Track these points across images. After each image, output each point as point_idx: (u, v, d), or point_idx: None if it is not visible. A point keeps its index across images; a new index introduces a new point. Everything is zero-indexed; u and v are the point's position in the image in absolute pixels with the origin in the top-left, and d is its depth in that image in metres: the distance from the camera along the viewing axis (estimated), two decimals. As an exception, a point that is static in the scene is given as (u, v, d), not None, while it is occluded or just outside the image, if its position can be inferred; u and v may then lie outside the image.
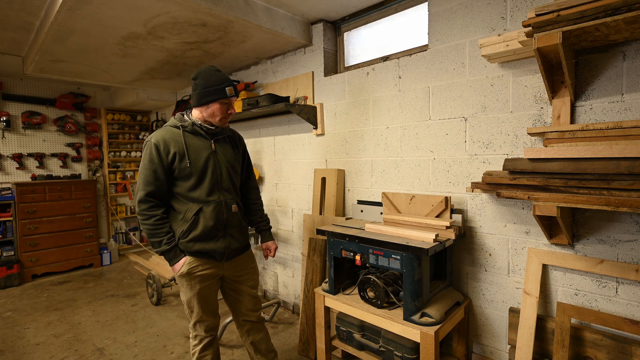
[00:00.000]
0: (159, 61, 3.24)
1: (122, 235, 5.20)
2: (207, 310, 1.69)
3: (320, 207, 2.74)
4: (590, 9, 1.27)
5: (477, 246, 1.98)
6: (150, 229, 1.55)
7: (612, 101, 1.56)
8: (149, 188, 1.54)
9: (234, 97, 1.64)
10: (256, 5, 2.40)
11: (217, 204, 1.62)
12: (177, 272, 1.60)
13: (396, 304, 1.87)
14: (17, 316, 3.14)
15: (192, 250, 1.59)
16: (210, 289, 1.69)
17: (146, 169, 1.55)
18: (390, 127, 2.35)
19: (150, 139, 1.57)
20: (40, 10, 2.43)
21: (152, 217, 1.55)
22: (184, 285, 1.64)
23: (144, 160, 1.56)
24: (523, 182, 1.50)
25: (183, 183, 1.59)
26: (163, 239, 1.56)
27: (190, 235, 1.58)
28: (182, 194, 1.60)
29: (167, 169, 1.56)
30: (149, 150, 1.55)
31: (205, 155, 1.62)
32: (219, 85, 1.60)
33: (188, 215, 1.58)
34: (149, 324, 2.93)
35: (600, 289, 1.63)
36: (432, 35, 2.11)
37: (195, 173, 1.58)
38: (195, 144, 1.62)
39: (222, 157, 1.68)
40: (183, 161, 1.56)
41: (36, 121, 4.40)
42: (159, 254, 1.59)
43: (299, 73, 2.95)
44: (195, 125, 1.63)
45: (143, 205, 1.55)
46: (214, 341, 1.77)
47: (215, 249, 1.62)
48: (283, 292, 3.23)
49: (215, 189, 1.63)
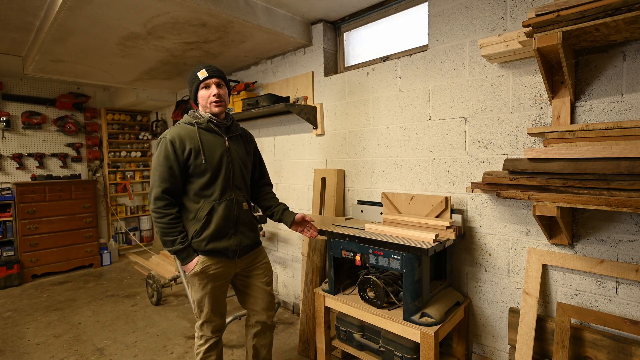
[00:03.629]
0: (159, 61, 3.24)
1: (122, 235, 5.20)
2: (217, 310, 1.68)
3: (320, 207, 2.74)
4: (590, 9, 1.27)
5: (477, 246, 1.98)
6: (164, 228, 1.54)
7: (612, 101, 1.56)
8: (165, 185, 1.53)
9: (212, 79, 1.61)
10: (256, 5, 2.40)
11: (228, 202, 1.63)
12: (191, 271, 1.60)
13: (396, 304, 1.87)
14: (17, 316, 3.14)
15: (205, 249, 1.59)
16: (221, 289, 1.69)
17: (162, 165, 1.54)
18: (390, 127, 2.35)
19: (165, 135, 1.57)
20: (40, 10, 2.43)
21: (167, 216, 1.53)
22: (195, 284, 1.63)
23: (159, 157, 1.55)
24: (523, 182, 1.50)
25: (197, 180, 1.59)
26: (177, 238, 1.55)
27: (203, 234, 1.58)
28: (195, 192, 1.60)
29: (183, 165, 1.56)
30: (164, 146, 1.55)
31: (219, 152, 1.62)
32: (193, 74, 1.63)
33: (200, 214, 1.58)
34: (149, 324, 2.93)
35: (600, 289, 1.63)
36: (432, 35, 2.11)
37: (210, 169, 1.59)
38: (210, 141, 1.62)
39: (235, 154, 1.68)
40: (198, 157, 1.57)
41: (36, 121, 4.40)
42: (172, 253, 1.57)
43: (298, 73, 2.95)
44: (210, 122, 1.63)
45: (159, 202, 1.53)
46: (219, 343, 1.76)
47: (227, 246, 1.62)
48: (283, 292, 3.23)
49: (228, 186, 1.64)
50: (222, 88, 1.65)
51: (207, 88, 1.62)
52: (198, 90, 1.63)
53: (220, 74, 1.64)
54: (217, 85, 1.62)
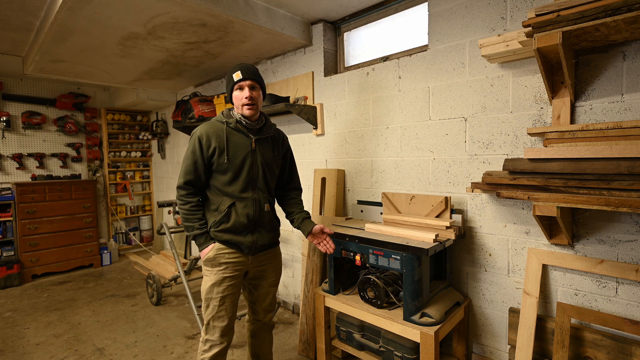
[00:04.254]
0: (159, 61, 3.24)
1: (122, 235, 5.20)
2: (226, 307, 1.64)
3: (320, 207, 2.74)
4: (590, 9, 1.27)
5: (477, 246, 1.98)
6: (185, 214, 1.65)
7: (612, 101, 1.56)
8: (188, 177, 1.64)
9: (247, 81, 1.63)
10: (256, 5, 2.40)
11: (250, 201, 1.66)
12: (205, 256, 1.65)
13: (396, 304, 1.87)
14: (17, 316, 3.14)
15: (222, 239, 1.64)
16: (233, 283, 1.65)
17: (188, 158, 1.64)
18: (390, 127, 2.35)
19: (196, 131, 1.65)
20: (40, 10, 2.43)
21: (189, 204, 1.65)
22: (208, 271, 1.66)
23: (187, 151, 1.65)
24: (523, 182, 1.50)
25: (220, 177, 1.65)
26: (195, 224, 1.64)
27: (221, 226, 1.64)
28: (218, 187, 1.66)
29: (207, 161, 1.64)
30: (193, 142, 1.64)
31: (243, 153, 1.65)
32: (230, 75, 1.66)
33: (222, 207, 1.64)
34: (149, 324, 2.93)
35: (600, 289, 1.63)
36: (432, 35, 2.11)
37: (232, 169, 1.63)
38: (236, 141, 1.65)
39: (260, 157, 1.69)
40: (222, 156, 1.62)
41: (36, 121, 4.40)
42: (191, 238, 1.67)
43: (299, 73, 2.95)
44: (239, 123, 1.66)
45: (182, 191, 1.65)
46: (225, 351, 1.68)
47: (243, 242, 1.65)
48: (283, 292, 3.23)
49: (250, 187, 1.66)
50: (256, 90, 1.66)
51: (240, 90, 1.65)
52: (233, 90, 1.66)
53: (255, 77, 1.66)
54: (251, 87, 1.64)
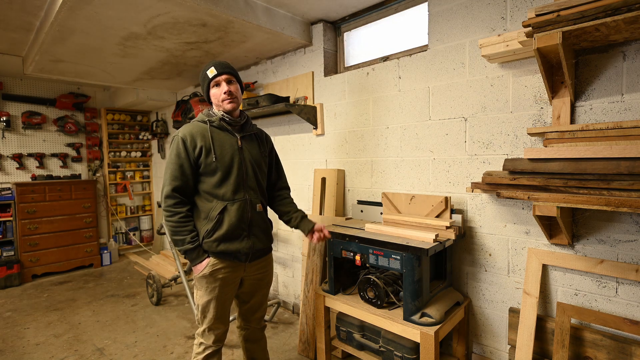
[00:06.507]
0: (159, 61, 3.24)
1: (122, 235, 5.20)
2: (222, 317, 1.62)
3: (320, 207, 2.74)
4: (590, 9, 1.27)
5: (477, 246, 1.98)
6: (174, 226, 1.51)
7: (612, 101, 1.56)
8: (176, 183, 1.52)
9: (222, 75, 1.58)
10: (256, 5, 2.40)
11: (242, 202, 1.58)
12: (199, 273, 1.55)
13: (396, 304, 1.87)
14: (17, 316, 3.14)
15: (216, 250, 1.54)
16: (228, 294, 1.62)
17: (173, 163, 1.53)
18: (390, 127, 2.35)
19: (178, 133, 1.55)
20: (40, 10, 2.43)
21: (177, 214, 1.51)
22: (203, 287, 1.57)
23: (171, 155, 1.54)
24: (523, 182, 1.50)
25: (208, 179, 1.56)
26: (186, 238, 1.51)
27: (214, 234, 1.54)
28: (208, 191, 1.56)
29: (194, 163, 1.54)
30: (176, 144, 1.54)
31: (231, 151, 1.58)
32: (203, 73, 1.61)
33: (212, 214, 1.54)
34: (149, 324, 2.93)
35: (600, 289, 1.63)
36: (432, 35, 2.11)
37: (221, 168, 1.55)
38: (222, 139, 1.58)
39: (247, 154, 1.64)
40: (209, 156, 1.54)
41: (36, 121, 4.39)
42: (182, 253, 1.54)
43: (299, 73, 2.95)
44: (223, 120, 1.60)
45: (169, 200, 1.52)
46: (219, 351, 1.68)
47: (239, 249, 1.57)
48: (283, 292, 3.23)
49: (241, 187, 1.59)
50: (233, 84, 1.60)
51: (217, 86, 1.59)
52: (210, 89, 1.60)
53: (230, 70, 1.60)
54: (228, 82, 1.59)
